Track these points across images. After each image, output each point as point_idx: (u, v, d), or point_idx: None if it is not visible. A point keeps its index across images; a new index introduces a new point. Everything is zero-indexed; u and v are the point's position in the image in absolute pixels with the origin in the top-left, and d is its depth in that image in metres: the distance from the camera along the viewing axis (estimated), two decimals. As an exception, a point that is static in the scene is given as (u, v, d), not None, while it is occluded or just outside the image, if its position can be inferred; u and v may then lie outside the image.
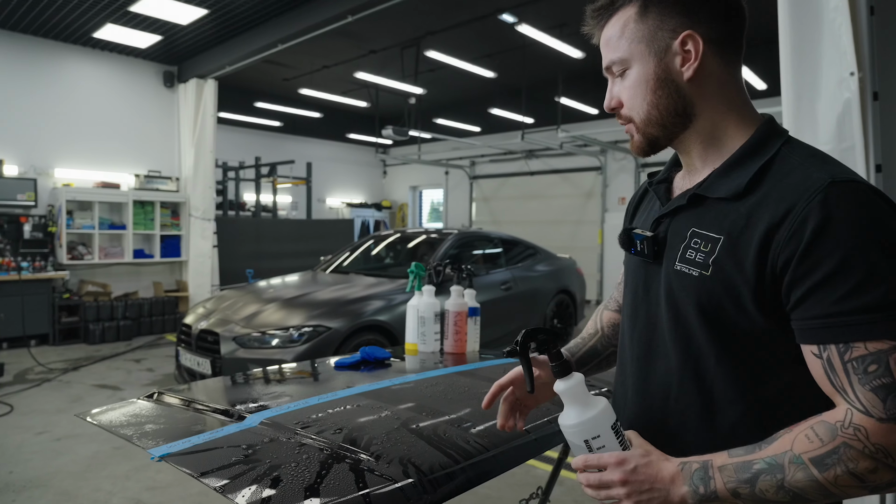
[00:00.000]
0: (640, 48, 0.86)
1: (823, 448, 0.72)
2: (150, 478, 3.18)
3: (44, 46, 6.97)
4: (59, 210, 6.93)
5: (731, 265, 0.79)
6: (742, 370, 0.82)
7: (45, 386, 4.99)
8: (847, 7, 2.27)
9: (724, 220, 0.81)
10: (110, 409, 1.35)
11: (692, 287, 0.83)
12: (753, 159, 0.82)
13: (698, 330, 0.83)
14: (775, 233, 0.75)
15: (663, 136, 0.89)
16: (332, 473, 0.97)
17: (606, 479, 0.81)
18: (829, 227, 0.71)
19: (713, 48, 0.84)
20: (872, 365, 0.70)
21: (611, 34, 0.90)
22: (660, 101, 0.86)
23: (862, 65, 2.29)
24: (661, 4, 0.84)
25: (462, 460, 1.04)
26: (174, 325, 7.40)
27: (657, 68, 0.85)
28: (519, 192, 12.20)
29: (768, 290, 0.77)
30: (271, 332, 3.96)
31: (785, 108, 2.50)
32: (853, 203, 0.72)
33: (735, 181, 0.82)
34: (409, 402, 1.35)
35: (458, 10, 6.68)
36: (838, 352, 0.72)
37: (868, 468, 0.70)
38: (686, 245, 0.85)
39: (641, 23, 0.86)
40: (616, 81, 0.91)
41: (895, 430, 0.69)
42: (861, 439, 0.70)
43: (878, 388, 0.69)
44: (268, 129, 12.04)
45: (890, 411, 0.69)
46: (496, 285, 5.57)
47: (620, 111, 0.91)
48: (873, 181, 2.33)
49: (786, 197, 0.76)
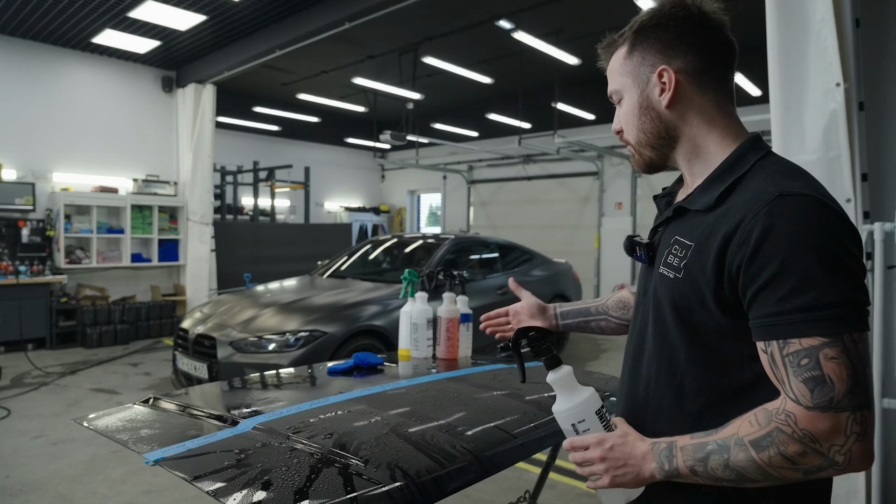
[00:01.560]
0: (627, 81, 1.00)
1: (761, 431, 0.80)
2: (147, 482, 3.20)
3: (43, 51, 7.01)
4: (57, 214, 6.96)
5: (697, 269, 0.89)
6: (709, 363, 0.91)
7: (42, 390, 5.01)
8: (833, 19, 2.31)
9: (697, 230, 0.92)
10: (106, 414, 1.37)
11: (669, 288, 0.94)
12: (730, 174, 0.92)
13: (672, 327, 0.94)
14: (730, 241, 0.84)
15: (656, 157, 1.02)
16: (321, 477, 1.00)
17: (588, 456, 0.92)
18: (769, 237, 0.80)
19: (689, 78, 0.95)
20: (805, 359, 0.78)
21: (610, 68, 1.04)
22: (644, 126, 1.00)
23: (848, 75, 2.33)
24: (643, 45, 0.98)
25: (448, 465, 1.07)
26: (172, 329, 7.42)
27: (640, 98, 0.99)
28: (516, 196, 12.25)
29: (727, 292, 0.86)
30: (268, 337, 3.99)
31: (773, 118, 2.53)
32: (795, 214, 0.80)
33: (710, 195, 0.92)
34: (399, 408, 1.37)
35: (456, 16, 6.74)
36: (778, 347, 0.81)
37: (797, 451, 0.78)
38: (669, 251, 0.96)
39: (629, 60, 1.00)
40: (617, 109, 1.05)
41: (820, 418, 0.77)
42: (791, 424, 0.78)
43: (807, 379, 0.78)
44: (266, 134, 12.08)
45: (816, 400, 0.77)
46: (492, 290, 5.60)
47: (622, 135, 1.06)
48: (859, 190, 2.37)
49: (741, 209, 0.85)
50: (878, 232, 2.29)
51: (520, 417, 1.34)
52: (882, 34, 2.49)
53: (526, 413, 1.37)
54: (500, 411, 1.37)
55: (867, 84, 2.43)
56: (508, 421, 1.31)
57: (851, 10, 2.35)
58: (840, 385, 0.76)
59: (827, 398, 0.76)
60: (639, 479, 0.90)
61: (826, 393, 0.76)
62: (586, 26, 6.90)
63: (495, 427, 1.27)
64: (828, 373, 0.76)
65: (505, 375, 1.74)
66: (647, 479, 0.90)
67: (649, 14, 0.99)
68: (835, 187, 2.39)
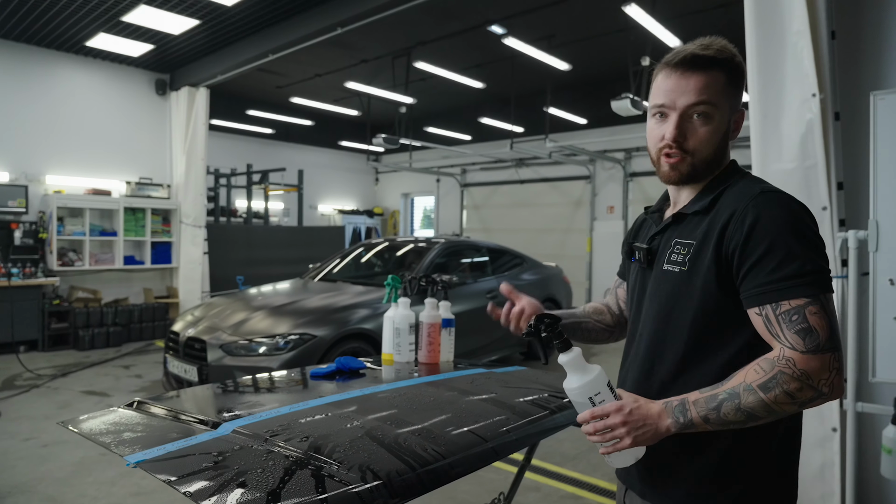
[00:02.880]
0: (726, 106, 1.12)
1: (767, 376, 0.98)
2: (136, 483, 3.23)
3: (36, 54, 7.03)
4: (49, 216, 6.97)
5: (700, 261, 1.09)
6: (709, 339, 1.10)
7: (33, 392, 5.02)
8: (809, 31, 2.37)
9: (696, 229, 1.12)
10: (92, 417, 1.41)
11: (675, 280, 1.13)
12: (718, 186, 1.15)
13: (676, 312, 1.12)
14: (726, 228, 1.06)
15: (704, 174, 1.16)
16: (294, 479, 1.04)
17: (609, 422, 1.04)
18: (759, 223, 1.02)
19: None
20: (794, 315, 0.99)
21: (706, 83, 1.10)
22: (717, 150, 1.14)
23: (823, 86, 2.39)
24: (738, 82, 1.14)
25: (419, 467, 1.11)
26: (164, 331, 7.43)
27: (727, 127, 1.14)
28: (509, 200, 12.30)
29: (724, 271, 1.06)
30: (258, 340, 4.02)
31: (752, 127, 2.59)
32: (775, 205, 1.04)
33: (704, 201, 1.14)
34: (377, 412, 1.41)
35: (448, 21, 6.79)
36: (772, 309, 1.01)
37: (797, 388, 0.97)
38: (671, 251, 1.15)
39: (730, 88, 1.12)
40: (689, 120, 1.12)
41: (812, 359, 0.97)
42: (791, 367, 0.97)
43: (799, 331, 0.98)
44: (260, 137, 12.10)
45: (808, 346, 0.97)
46: (482, 294, 5.64)
47: (684, 144, 1.13)
48: (835, 198, 2.43)
49: (732, 204, 1.08)
50: (852, 240, 2.34)
51: (493, 422, 1.38)
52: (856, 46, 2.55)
53: (499, 417, 1.42)
54: (474, 415, 1.41)
55: (842, 95, 2.49)
56: (482, 425, 1.35)
57: (827, 22, 2.41)
58: (823, 333, 0.97)
59: (815, 343, 0.97)
60: (657, 435, 1.04)
61: (814, 339, 0.97)
62: (577, 32, 6.97)
63: (469, 431, 1.31)
64: (813, 325, 0.97)
65: (483, 380, 1.78)
66: (663, 434, 1.04)
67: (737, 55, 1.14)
68: (811, 195, 2.45)
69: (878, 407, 2.37)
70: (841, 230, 2.43)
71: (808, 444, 2.47)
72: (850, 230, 2.37)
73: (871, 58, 2.54)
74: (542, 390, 1.66)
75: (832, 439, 2.44)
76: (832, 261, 2.45)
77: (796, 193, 2.47)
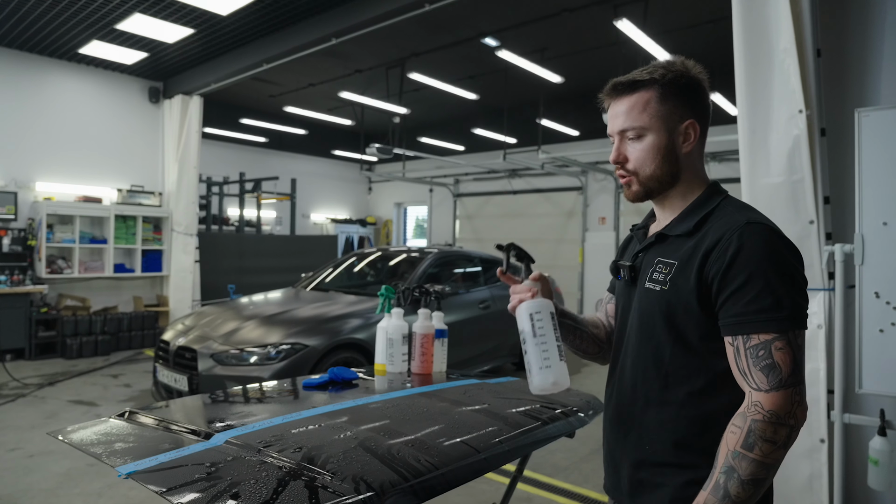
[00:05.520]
0: (658, 123, 1.15)
1: (743, 432, 0.99)
2: (123, 495, 3.19)
3: (28, 61, 7.01)
4: (39, 223, 6.92)
5: (682, 281, 1.10)
6: (689, 358, 1.11)
7: (19, 401, 4.96)
8: (795, 49, 2.42)
9: (679, 251, 1.13)
10: (81, 428, 1.40)
11: (656, 298, 1.14)
12: (701, 209, 1.16)
13: (660, 330, 1.14)
14: (710, 254, 1.07)
15: (657, 190, 1.19)
16: (287, 490, 1.04)
17: None
18: (741, 254, 1.04)
19: (699, 134, 1.18)
20: (761, 350, 1.01)
21: (630, 106, 1.17)
22: (663, 165, 1.16)
23: (810, 103, 2.44)
24: (675, 96, 1.15)
25: (412, 478, 1.11)
26: (154, 340, 7.37)
27: (667, 141, 1.16)
28: (502, 210, 12.35)
29: (705, 295, 1.08)
30: (249, 350, 4.00)
31: (741, 142, 2.63)
32: (759, 238, 1.05)
33: (688, 223, 1.15)
34: (370, 423, 1.42)
35: (442, 33, 6.85)
36: (742, 342, 1.03)
37: (773, 431, 0.98)
38: (653, 269, 1.16)
39: (662, 105, 1.15)
40: (626, 142, 1.18)
41: (777, 397, 0.99)
42: (760, 410, 0.99)
43: (764, 367, 1.00)
44: (253, 145, 12.10)
45: (771, 383, 0.99)
46: (475, 304, 5.66)
47: (626, 165, 1.19)
48: (822, 212, 2.47)
49: (719, 231, 1.09)
50: (838, 253, 2.38)
51: (486, 433, 1.39)
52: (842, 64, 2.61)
53: (492, 428, 1.42)
54: (467, 426, 1.42)
55: (828, 111, 2.53)
56: (474, 436, 1.36)
57: (812, 40, 2.46)
58: (786, 369, 0.99)
59: (777, 380, 0.99)
60: None
61: (777, 376, 0.99)
62: (569, 46, 7.05)
63: (461, 442, 1.32)
64: (777, 360, 0.99)
65: (476, 391, 1.78)
66: None
67: (677, 71, 1.16)
68: (799, 209, 2.49)
69: (865, 418, 2.39)
70: (828, 244, 2.47)
71: (795, 455, 2.49)
72: (836, 244, 2.41)
73: (855, 76, 2.60)
74: (534, 401, 1.67)
75: (820, 450, 2.47)
76: (819, 274, 2.49)
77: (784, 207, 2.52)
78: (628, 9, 5.80)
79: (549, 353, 1.13)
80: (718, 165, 9.01)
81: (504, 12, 6.21)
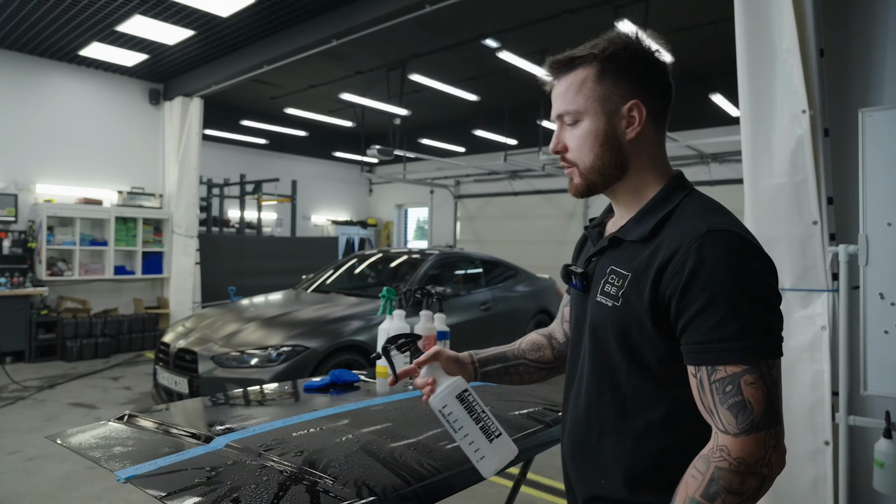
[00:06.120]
0: (595, 105, 0.99)
1: (705, 479, 0.85)
2: (123, 498, 3.18)
3: (28, 62, 7.00)
4: (39, 226, 6.90)
5: (635, 297, 0.94)
6: (648, 384, 0.96)
7: (19, 404, 4.94)
8: (798, 49, 2.41)
9: (633, 260, 0.97)
10: (81, 431, 1.39)
11: (608, 316, 0.98)
12: (661, 209, 0.98)
13: (614, 352, 0.98)
14: (665, 269, 0.90)
15: (601, 184, 1.03)
16: (289, 495, 1.03)
17: None
18: (701, 270, 0.86)
19: (650, 117, 1.00)
20: (729, 385, 0.85)
21: (567, 87, 1.01)
22: (604, 154, 1.00)
23: (813, 103, 2.42)
24: (616, 73, 0.98)
25: (414, 482, 1.10)
26: (154, 342, 7.35)
27: (606, 126, 0.99)
28: (503, 211, 12.34)
29: (662, 316, 0.91)
30: (250, 352, 3.98)
31: (744, 142, 2.62)
32: (721, 250, 0.87)
33: (644, 227, 0.98)
34: (370, 426, 1.40)
35: (443, 34, 6.84)
36: (707, 373, 0.87)
37: (739, 482, 0.83)
38: (605, 280, 1.00)
39: (599, 84, 0.99)
40: (565, 129, 1.03)
41: (747, 442, 0.83)
42: (726, 458, 0.84)
43: (732, 405, 0.84)
44: (253, 147, 12.09)
45: (741, 426, 0.83)
46: (476, 305, 5.64)
47: (566, 155, 1.04)
48: (825, 213, 2.45)
49: (675, 241, 0.91)
50: (842, 254, 2.36)
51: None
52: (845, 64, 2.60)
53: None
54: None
55: (832, 111, 2.52)
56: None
57: (816, 40, 2.45)
58: (758, 407, 0.83)
59: (748, 421, 0.83)
60: None
61: (747, 416, 0.83)
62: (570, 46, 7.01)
63: (464, 445, 1.30)
64: (748, 397, 0.83)
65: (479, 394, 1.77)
66: None
67: (621, 44, 0.99)
68: (802, 210, 2.47)
69: (870, 420, 2.38)
70: (831, 244, 2.45)
71: (800, 458, 2.48)
72: (840, 244, 2.39)
73: (859, 75, 2.58)
74: (536, 403, 1.65)
75: (825, 453, 2.45)
76: (823, 274, 2.47)
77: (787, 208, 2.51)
78: (629, 10, 5.79)
79: (477, 444, 1.02)
80: (720, 167, 9.00)
81: (505, 13, 6.20)
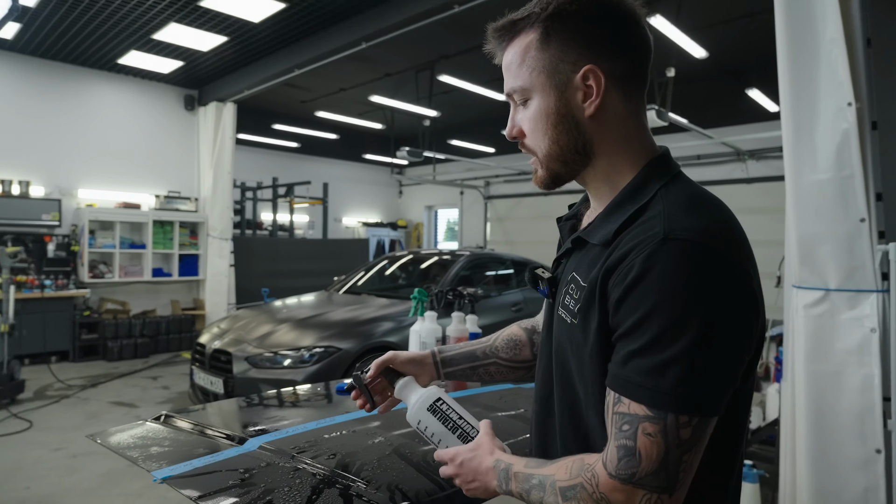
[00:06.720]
0: (541, 79, 0.82)
1: (570, 482, 0.76)
2: (162, 496, 3.24)
3: (70, 72, 7.25)
4: (81, 230, 7.14)
5: (591, 313, 0.78)
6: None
7: (63, 402, 5.11)
8: (843, 39, 2.31)
9: (593, 269, 0.80)
10: (119, 431, 1.41)
11: (567, 335, 0.84)
12: (631, 203, 0.81)
13: (574, 376, 0.84)
14: (610, 275, 0.75)
15: (565, 172, 0.87)
16: (322, 498, 1.02)
17: (445, 472, 0.94)
18: (640, 283, 0.71)
19: (615, 83, 0.81)
20: (626, 424, 0.72)
21: (511, 59, 0.85)
22: (560, 136, 0.83)
23: (860, 95, 2.32)
24: (562, 33, 0.80)
25: (448, 487, 1.08)
26: (190, 343, 7.51)
27: (558, 102, 0.82)
28: (533, 212, 12.24)
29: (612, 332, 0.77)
30: (283, 353, 4.03)
31: (785, 137, 2.52)
32: (674, 263, 0.70)
33: (608, 227, 0.81)
34: (402, 428, 1.39)
35: (471, 35, 6.80)
36: (613, 400, 0.74)
37: None
38: (566, 290, 0.85)
39: (543, 51, 0.81)
40: (518, 109, 0.88)
41: (618, 489, 0.71)
42: (593, 485, 0.74)
43: (621, 446, 0.72)
44: (285, 150, 12.27)
45: (620, 471, 0.71)
46: (507, 306, 5.60)
47: (524, 141, 0.89)
48: (874, 210, 2.34)
49: (628, 243, 0.75)
50: (892, 252, 2.25)
51: (523, 439, 1.35)
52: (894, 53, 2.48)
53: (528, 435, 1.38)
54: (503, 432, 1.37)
55: (880, 103, 2.41)
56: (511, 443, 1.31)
57: (862, 29, 2.34)
58: (647, 464, 0.70)
59: (629, 472, 0.71)
60: (488, 493, 0.90)
61: (631, 467, 0.70)
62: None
63: (497, 449, 1.27)
64: (640, 447, 0.70)
65: (511, 396, 1.74)
66: (494, 494, 0.90)
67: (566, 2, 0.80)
68: (848, 207, 2.36)
69: (924, 427, 2.26)
70: (881, 243, 2.34)
71: (850, 467, 2.37)
72: (890, 242, 2.28)
73: (909, 65, 2.46)
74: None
75: (876, 461, 2.34)
76: (872, 274, 2.36)
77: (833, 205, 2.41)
78: (661, 5, 5.67)
79: None
80: (757, 164, 8.75)
81: (534, 12, 6.14)
